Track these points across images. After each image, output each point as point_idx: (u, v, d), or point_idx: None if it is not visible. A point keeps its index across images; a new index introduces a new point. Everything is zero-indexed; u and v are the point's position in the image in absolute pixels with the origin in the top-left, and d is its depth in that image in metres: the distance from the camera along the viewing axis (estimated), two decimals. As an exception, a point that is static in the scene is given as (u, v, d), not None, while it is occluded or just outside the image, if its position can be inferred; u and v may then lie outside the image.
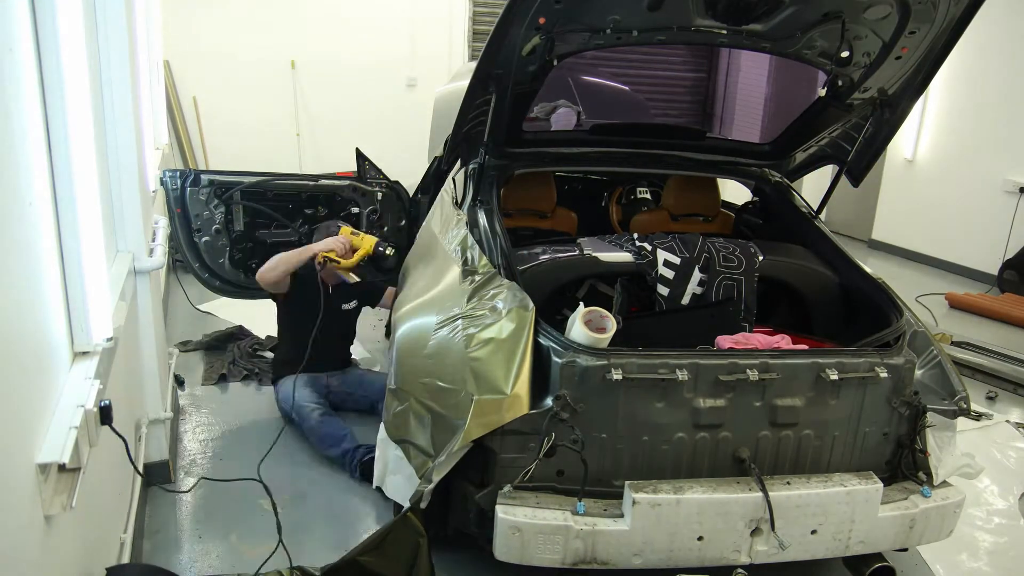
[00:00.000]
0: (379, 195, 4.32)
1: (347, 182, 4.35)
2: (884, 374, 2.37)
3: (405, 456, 2.50)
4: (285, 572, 2.31)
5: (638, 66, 8.23)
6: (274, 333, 4.62)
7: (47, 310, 1.62)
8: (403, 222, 4.33)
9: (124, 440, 1.96)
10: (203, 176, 3.95)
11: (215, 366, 4.39)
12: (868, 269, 3.01)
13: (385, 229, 4.31)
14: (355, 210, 4.30)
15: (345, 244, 3.47)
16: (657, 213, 3.68)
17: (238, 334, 4.81)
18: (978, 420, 4.18)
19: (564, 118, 4.34)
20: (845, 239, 7.45)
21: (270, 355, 4.46)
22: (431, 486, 2.31)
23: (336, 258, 3.44)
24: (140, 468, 2.88)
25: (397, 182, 4.41)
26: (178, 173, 3.94)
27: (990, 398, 4.47)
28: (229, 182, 4.00)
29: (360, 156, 4.45)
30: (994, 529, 3.18)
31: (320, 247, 3.46)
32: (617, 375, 2.20)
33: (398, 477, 2.57)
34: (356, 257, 3.50)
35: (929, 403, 2.47)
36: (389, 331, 3.39)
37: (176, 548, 2.80)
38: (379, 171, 4.47)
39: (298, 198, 4.19)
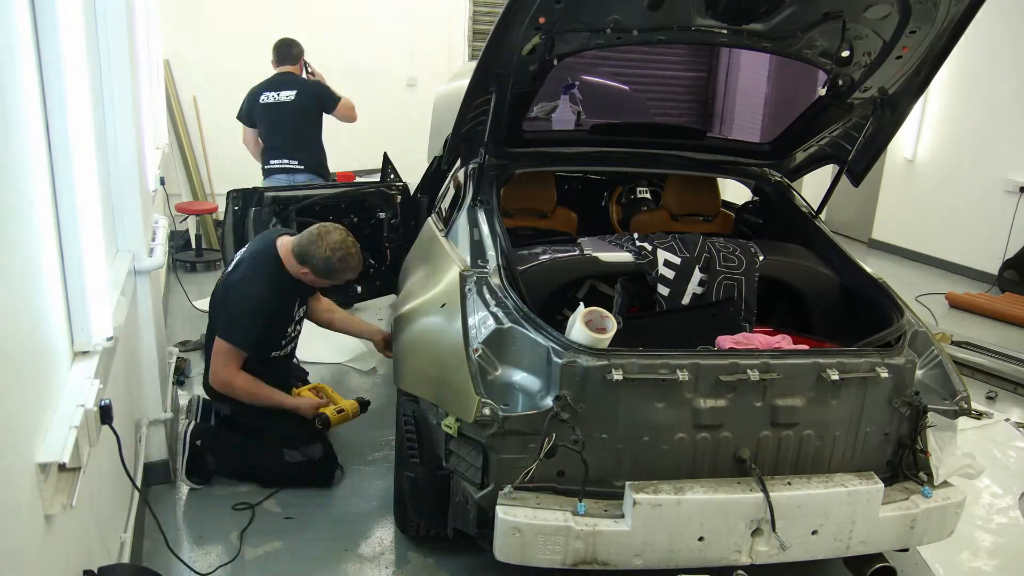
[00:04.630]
0: (398, 199, 4.36)
1: (374, 187, 4.46)
2: (885, 374, 2.36)
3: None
4: None
5: (638, 66, 8.21)
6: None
7: (47, 310, 1.62)
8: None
9: (118, 438, 1.95)
10: (267, 194, 3.95)
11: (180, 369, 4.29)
12: (868, 269, 3.01)
13: (402, 232, 4.34)
14: (381, 215, 4.35)
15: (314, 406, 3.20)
16: (657, 213, 3.68)
17: None
18: (979, 419, 4.18)
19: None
20: (845, 239, 7.45)
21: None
22: None
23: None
24: (140, 469, 2.88)
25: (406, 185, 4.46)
26: (242, 195, 3.92)
27: (990, 398, 4.47)
28: (287, 197, 4.03)
29: (386, 160, 4.49)
30: (995, 529, 3.18)
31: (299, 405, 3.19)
32: (618, 375, 2.20)
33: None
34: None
35: (930, 403, 2.47)
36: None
37: (176, 548, 2.80)
38: (398, 176, 4.52)
39: (338, 207, 4.26)
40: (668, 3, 2.58)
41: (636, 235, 3.06)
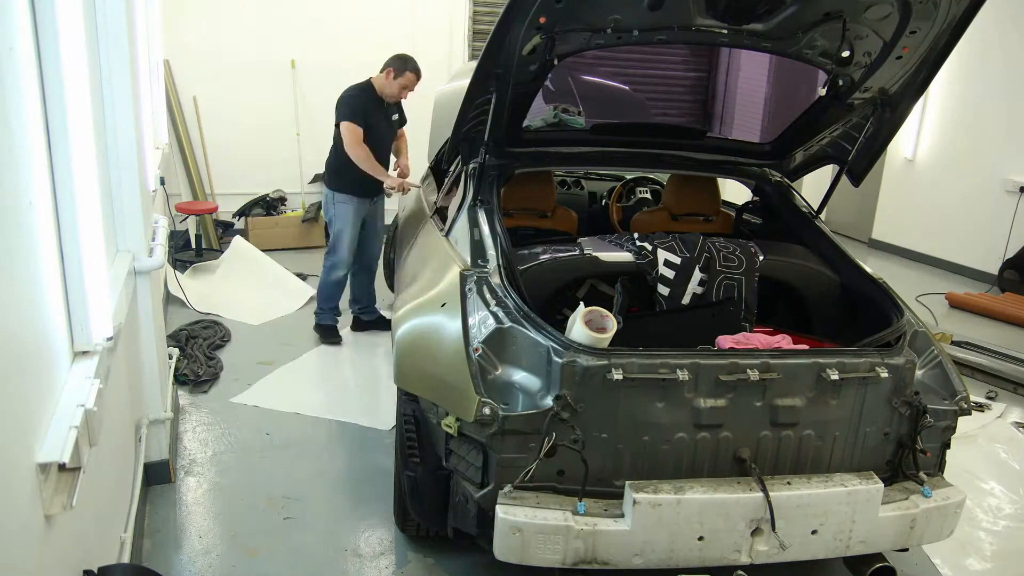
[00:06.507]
0: None
1: None
2: (885, 374, 2.36)
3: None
4: None
5: (638, 66, 8.20)
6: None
7: (47, 310, 1.62)
8: None
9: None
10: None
11: (179, 369, 4.18)
12: (868, 269, 3.01)
13: None
14: None
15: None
16: (657, 213, 3.68)
17: (196, 331, 4.74)
18: (981, 411, 4.19)
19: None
20: (845, 239, 7.45)
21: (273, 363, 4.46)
22: None
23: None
24: (140, 469, 2.88)
25: None
26: None
27: (990, 398, 4.47)
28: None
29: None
30: (1001, 531, 3.17)
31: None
32: (618, 375, 2.20)
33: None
34: None
35: (929, 403, 2.47)
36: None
37: (176, 548, 2.81)
38: None
39: None
40: (668, 3, 2.58)
41: (636, 235, 3.07)
